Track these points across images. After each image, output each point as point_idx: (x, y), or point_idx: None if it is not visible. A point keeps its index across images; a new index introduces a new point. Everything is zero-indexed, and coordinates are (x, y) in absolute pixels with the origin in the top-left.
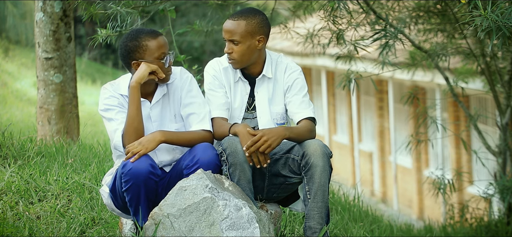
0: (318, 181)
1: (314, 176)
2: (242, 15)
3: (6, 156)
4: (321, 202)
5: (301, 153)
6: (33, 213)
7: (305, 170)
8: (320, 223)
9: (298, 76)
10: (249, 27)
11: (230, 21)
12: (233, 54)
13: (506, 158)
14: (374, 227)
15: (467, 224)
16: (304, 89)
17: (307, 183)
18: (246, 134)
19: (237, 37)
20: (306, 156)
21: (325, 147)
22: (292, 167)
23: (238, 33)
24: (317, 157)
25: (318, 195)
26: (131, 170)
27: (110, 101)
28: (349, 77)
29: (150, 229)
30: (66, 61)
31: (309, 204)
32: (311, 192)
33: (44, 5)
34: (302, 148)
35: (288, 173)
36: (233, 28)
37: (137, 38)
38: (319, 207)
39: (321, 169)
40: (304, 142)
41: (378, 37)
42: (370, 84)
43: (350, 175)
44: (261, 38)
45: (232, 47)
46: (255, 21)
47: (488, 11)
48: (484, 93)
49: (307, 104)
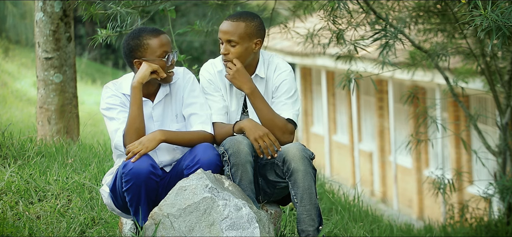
0: (302, 185)
1: (297, 181)
2: (241, 17)
3: (6, 156)
4: (309, 204)
5: (282, 159)
6: (33, 213)
7: (288, 176)
8: (312, 225)
9: (286, 77)
10: (248, 29)
11: (228, 22)
12: (229, 56)
13: (506, 158)
14: (374, 227)
15: (467, 224)
16: (290, 91)
17: (292, 188)
18: (254, 124)
19: (235, 38)
20: (286, 162)
21: (305, 150)
22: (277, 172)
23: (237, 34)
24: (297, 162)
25: (304, 199)
26: (132, 170)
27: (112, 100)
28: (349, 77)
29: (150, 229)
30: (66, 61)
31: (298, 208)
32: (297, 197)
33: (44, 5)
34: (282, 153)
35: (276, 178)
36: (232, 29)
37: (139, 37)
38: (307, 209)
39: (303, 173)
40: (284, 147)
41: (378, 37)
42: (370, 84)
43: (350, 175)
44: (258, 41)
45: (229, 49)
46: (254, 24)
47: (488, 11)
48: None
49: (289, 106)
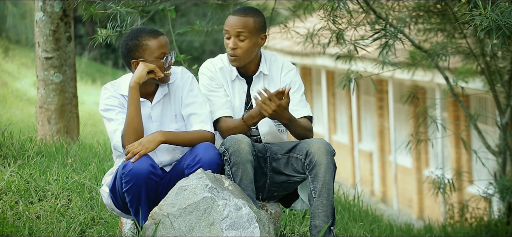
0: (323, 179)
1: (318, 174)
2: (249, 12)
3: (6, 155)
4: (326, 200)
5: (305, 152)
6: (33, 213)
7: (309, 169)
8: (325, 222)
9: (295, 75)
10: (256, 24)
11: (237, 16)
12: (237, 50)
13: (506, 158)
14: (374, 227)
15: (467, 224)
16: (301, 89)
17: (311, 182)
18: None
19: (245, 33)
20: (310, 155)
21: (328, 145)
22: (295, 166)
23: (247, 28)
24: (321, 155)
25: (323, 193)
26: (132, 171)
27: (110, 101)
28: (349, 77)
29: (150, 229)
30: (66, 61)
31: (314, 202)
32: (316, 191)
33: (44, 4)
34: (305, 146)
35: (291, 172)
36: (242, 23)
37: (137, 37)
38: (324, 205)
39: (325, 167)
40: (307, 141)
41: (378, 37)
42: (370, 84)
43: (350, 175)
44: (264, 36)
45: (237, 43)
46: (260, 19)
47: (488, 10)
48: (484, 92)
49: (304, 104)
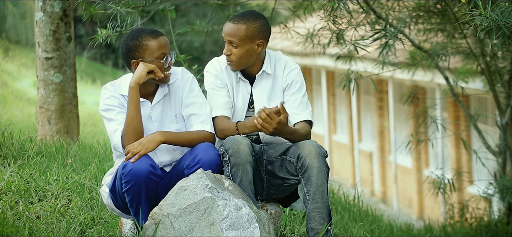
0: (316, 182)
1: (311, 178)
2: (243, 19)
3: (6, 156)
4: (320, 202)
5: (297, 155)
6: (33, 213)
7: (301, 172)
8: (321, 223)
9: (297, 74)
10: (248, 31)
11: (230, 24)
12: (231, 56)
13: (506, 158)
14: (374, 227)
15: (467, 224)
16: (303, 89)
17: (305, 185)
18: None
19: (236, 41)
20: (301, 158)
21: (320, 147)
22: (288, 168)
23: (237, 36)
24: (312, 158)
25: (316, 196)
26: (132, 171)
27: (110, 101)
28: (349, 77)
29: (150, 229)
30: (66, 61)
31: (309, 205)
32: (310, 194)
33: (44, 5)
34: (297, 150)
35: (286, 175)
36: (233, 31)
37: (137, 37)
38: (318, 207)
39: (317, 170)
40: (298, 144)
41: (378, 37)
42: (370, 84)
43: (350, 175)
44: (260, 43)
45: (231, 49)
46: (255, 25)
47: (488, 11)
48: (484, 93)
49: (305, 106)
